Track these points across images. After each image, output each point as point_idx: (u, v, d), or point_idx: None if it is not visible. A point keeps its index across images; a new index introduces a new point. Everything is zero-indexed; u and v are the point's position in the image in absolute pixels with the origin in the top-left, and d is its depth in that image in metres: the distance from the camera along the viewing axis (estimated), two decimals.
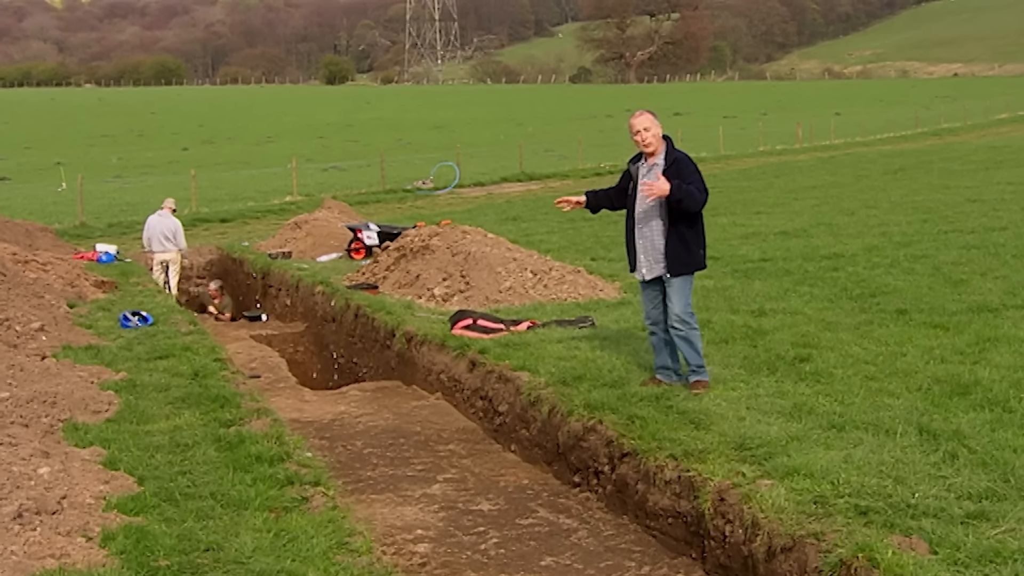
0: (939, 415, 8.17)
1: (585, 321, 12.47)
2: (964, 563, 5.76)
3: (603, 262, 17.09)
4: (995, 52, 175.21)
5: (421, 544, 7.88)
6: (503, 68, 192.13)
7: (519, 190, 35.78)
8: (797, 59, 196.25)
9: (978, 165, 33.66)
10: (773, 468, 7.33)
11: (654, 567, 7.45)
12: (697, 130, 57.22)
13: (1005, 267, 14.53)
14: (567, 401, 9.46)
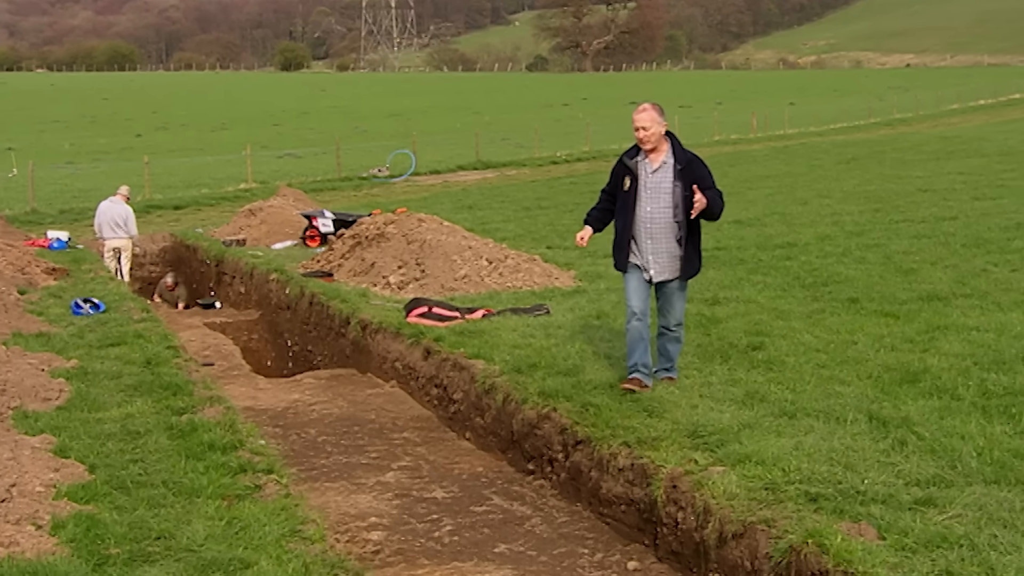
0: (889, 403, 8.24)
1: (540, 309, 12.48)
2: (911, 548, 5.82)
3: (559, 251, 17.11)
4: (947, 43, 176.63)
5: (375, 532, 7.87)
6: (460, 56, 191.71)
7: (475, 178, 35.71)
8: (752, 49, 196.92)
9: (930, 155, 33.92)
10: (725, 455, 7.37)
11: (607, 554, 7.47)
12: None
13: (955, 256, 14.66)
14: (521, 389, 9.46)
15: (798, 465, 7.04)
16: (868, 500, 6.46)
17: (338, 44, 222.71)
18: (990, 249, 15.06)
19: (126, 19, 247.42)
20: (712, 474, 7.12)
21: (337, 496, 8.59)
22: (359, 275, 15.58)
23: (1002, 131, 44.88)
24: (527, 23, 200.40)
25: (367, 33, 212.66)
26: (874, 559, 5.74)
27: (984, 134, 43.67)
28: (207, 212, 28.68)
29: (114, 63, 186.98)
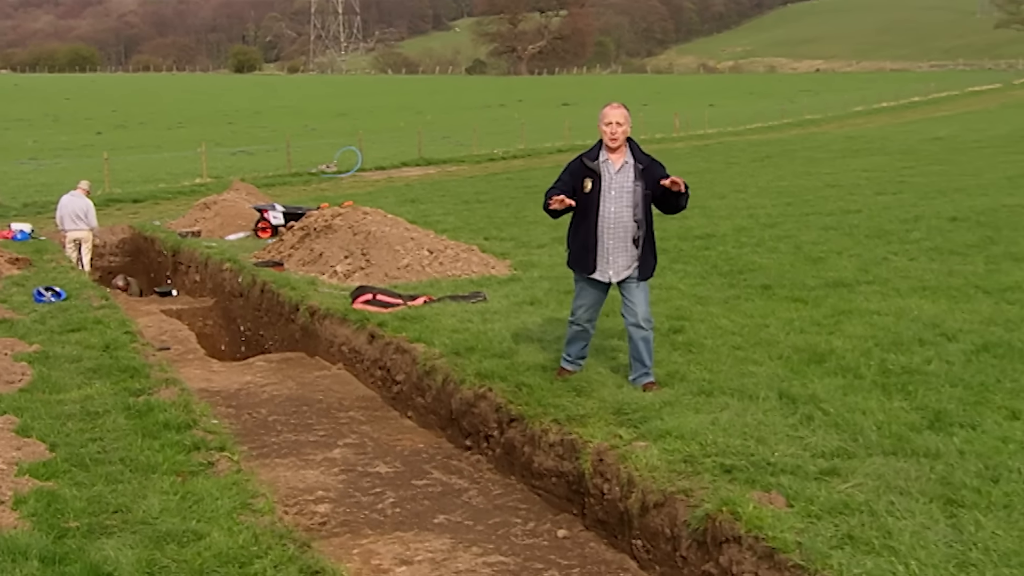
0: (797, 381, 8.33)
1: (477, 296, 12.48)
2: (817, 515, 5.90)
3: (495, 241, 17.11)
4: (853, 50, 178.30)
5: (322, 504, 7.85)
6: (403, 59, 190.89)
7: (418, 174, 35.59)
8: (675, 54, 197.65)
9: (837, 153, 34.26)
10: (648, 431, 7.42)
11: (539, 523, 7.50)
12: (584, 120, 57.35)
13: (859, 246, 14.83)
14: (460, 370, 9.47)
15: (714, 439, 7.10)
16: (778, 471, 6.53)
17: (289, 48, 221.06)
18: (891, 240, 15.24)
19: (86, 23, 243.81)
20: (635, 448, 7.16)
21: (286, 471, 8.55)
22: (308, 264, 15.51)
23: (902, 131, 45.42)
24: (466, 29, 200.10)
25: (316, 37, 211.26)
26: (782, 525, 5.81)
27: (886, 134, 44.17)
28: (164, 205, 28.36)
29: (75, 65, 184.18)
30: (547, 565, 6.81)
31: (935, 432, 7.07)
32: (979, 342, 9.25)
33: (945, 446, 6.79)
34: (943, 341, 9.38)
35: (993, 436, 6.94)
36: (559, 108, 76.62)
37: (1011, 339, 9.29)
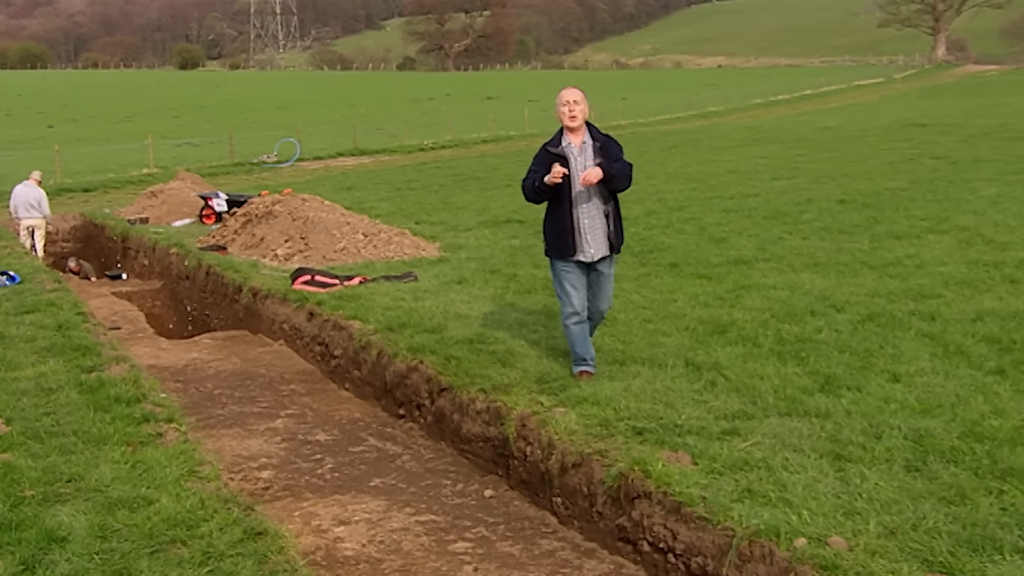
0: (702, 350, 8.42)
1: (409, 276, 12.47)
2: (719, 471, 5.98)
3: (426, 225, 17.08)
4: (752, 47, 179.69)
5: (265, 471, 7.82)
6: (338, 57, 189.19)
7: (353, 163, 35.35)
8: (590, 52, 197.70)
9: (737, 142, 34.54)
10: (566, 398, 7.46)
11: (467, 484, 7.53)
12: (507, 112, 57.44)
13: (757, 227, 14.98)
14: (393, 345, 9.46)
15: (627, 404, 7.17)
16: (684, 432, 6.61)
17: (230, 46, 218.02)
18: (786, 221, 15.42)
19: (37, 23, 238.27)
20: (555, 414, 7.21)
21: (231, 441, 8.49)
22: (250, 248, 15.38)
23: (796, 121, 45.89)
24: (397, 28, 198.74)
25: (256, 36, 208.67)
26: (688, 481, 5.88)
27: (782, 124, 44.62)
28: (113, 194, 27.90)
29: (26, 62, 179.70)
30: (475, 523, 6.84)
31: (825, 394, 7.20)
32: (864, 312, 9.41)
33: (834, 407, 6.92)
34: (832, 312, 9.53)
35: (876, 397, 7.08)
36: (484, 102, 76.43)
37: (893, 309, 9.46)
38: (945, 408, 6.80)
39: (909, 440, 6.26)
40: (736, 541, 5.37)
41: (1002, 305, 9.49)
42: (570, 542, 6.50)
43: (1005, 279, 10.62)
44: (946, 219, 14.63)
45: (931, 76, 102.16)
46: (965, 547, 4.95)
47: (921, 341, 8.43)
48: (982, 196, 16.87)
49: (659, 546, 5.87)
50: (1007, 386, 7.19)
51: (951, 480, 5.68)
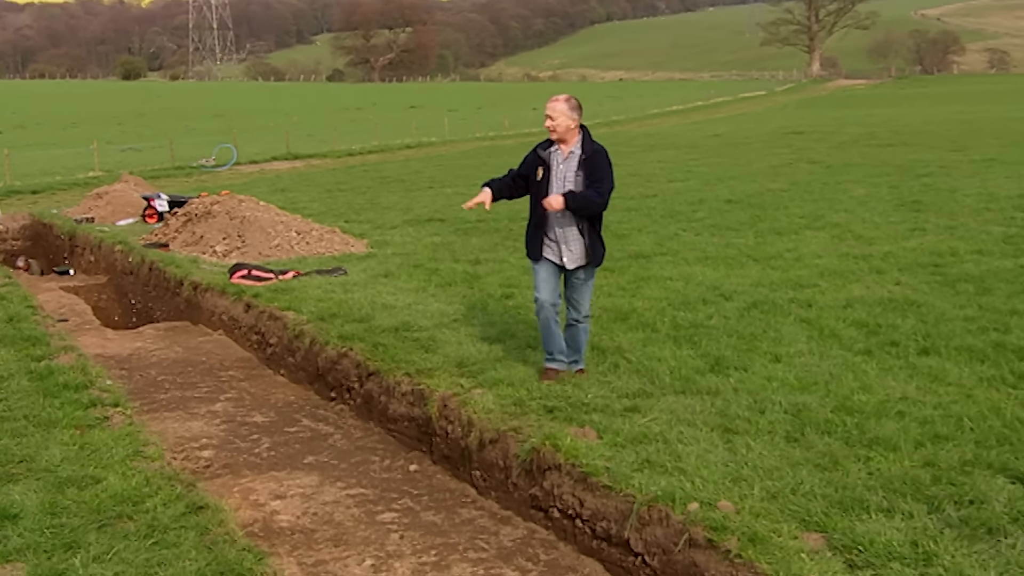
0: (606, 336, 8.49)
1: (339, 270, 12.38)
2: (621, 444, 6.05)
3: (354, 224, 16.94)
4: (649, 63, 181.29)
5: (206, 450, 7.71)
6: (271, 69, 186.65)
7: (286, 167, 34.90)
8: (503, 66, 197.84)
9: (637, 148, 34.79)
10: (484, 380, 7.48)
11: (394, 460, 7.51)
12: (428, 120, 57.21)
13: (655, 224, 15.13)
14: (325, 334, 9.39)
15: (540, 385, 7.22)
16: (590, 410, 6.66)
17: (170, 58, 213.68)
18: (680, 219, 15.59)
19: None
20: (474, 395, 7.22)
21: (174, 423, 8.36)
22: (190, 245, 15.12)
23: (689, 130, 46.43)
24: (326, 42, 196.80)
25: (194, 50, 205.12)
26: (594, 453, 5.94)
27: (676, 132, 45.09)
28: (61, 196, 27.19)
29: None
30: (401, 495, 6.83)
31: (715, 374, 7.31)
32: (750, 300, 9.57)
33: (723, 385, 7.03)
34: (722, 300, 9.67)
35: (760, 376, 7.20)
36: (407, 110, 76.01)
37: (775, 298, 9.63)
38: (820, 385, 6.95)
39: (789, 414, 6.39)
40: (636, 506, 5.43)
41: (869, 293, 9.72)
42: (488, 511, 6.53)
43: (872, 270, 10.87)
44: (821, 217, 14.92)
45: (807, 89, 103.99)
46: (837, 508, 5.07)
47: (799, 326, 8.59)
48: (852, 196, 17.23)
49: (568, 513, 5.92)
50: (873, 365, 7.37)
51: (825, 449, 5.81)
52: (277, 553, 5.80)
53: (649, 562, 5.32)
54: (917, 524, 4.85)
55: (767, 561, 4.69)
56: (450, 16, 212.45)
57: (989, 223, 13.57)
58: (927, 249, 11.93)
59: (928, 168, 21.55)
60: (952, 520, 4.88)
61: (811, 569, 4.56)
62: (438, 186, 23.41)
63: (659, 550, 5.27)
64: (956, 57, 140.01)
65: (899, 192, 17.49)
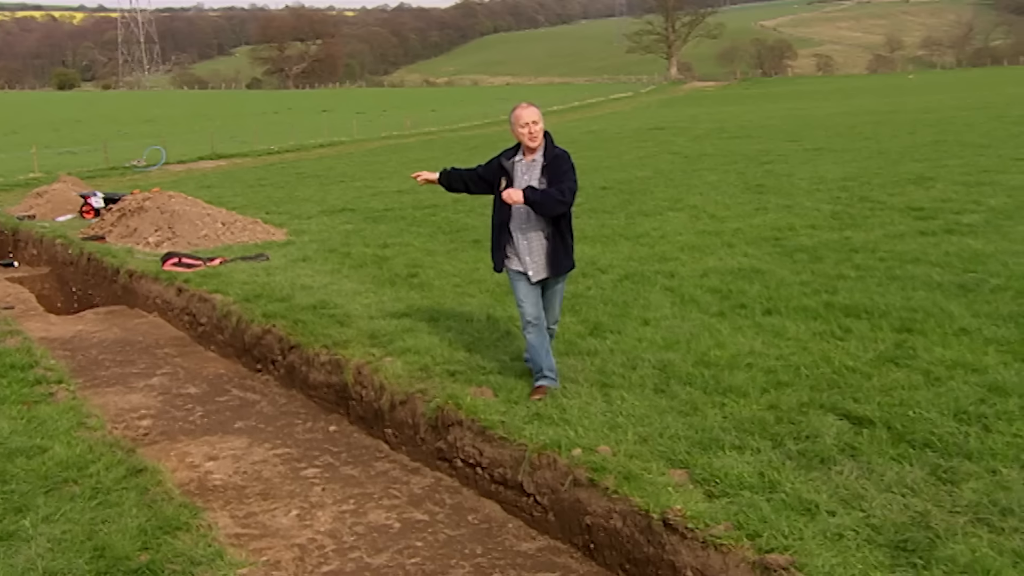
0: (500, 307, 8.50)
1: (262, 257, 12.15)
2: (515, 401, 6.08)
3: (274, 215, 16.62)
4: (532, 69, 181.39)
5: (144, 420, 7.51)
6: (196, 78, 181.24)
7: (212, 166, 34.01)
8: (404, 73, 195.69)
9: None
10: (394, 349, 7.44)
11: (315, 422, 7.42)
12: (339, 122, 56.35)
13: None
14: (250, 313, 9.21)
15: (442, 352, 7.20)
16: (488, 372, 6.68)
17: (101, 70, 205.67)
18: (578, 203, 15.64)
19: None
20: (385, 362, 7.18)
21: (114, 397, 8.11)
22: (125, 237, 14.65)
23: (567, 127, 46.62)
24: (244, 54, 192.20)
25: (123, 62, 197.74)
26: (491, 410, 5.96)
27: (556, 129, 44.94)
28: (3, 196, 25.97)
29: None
30: (322, 452, 6.75)
31: (594, 337, 7.38)
32: (622, 273, 9.68)
33: (601, 346, 7.10)
34: (599, 273, 9.76)
35: (632, 337, 7.30)
36: (320, 114, 74.67)
37: (643, 270, 9.76)
38: (682, 343, 7.08)
39: (656, 369, 6.50)
40: (528, 454, 5.47)
41: (722, 264, 9.91)
42: (399, 463, 6.51)
43: (724, 244, 11.09)
44: (681, 200, 15.15)
45: (667, 91, 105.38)
46: (697, 447, 5.19)
47: (664, 294, 8.72)
48: (706, 182, 17.54)
49: (469, 462, 5.94)
50: (726, 325, 7.53)
51: (687, 398, 5.93)
52: (212, 508, 5.69)
53: (540, 501, 5.37)
54: (763, 458, 4.99)
55: (639, 495, 4.78)
56: (356, 29, 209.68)
57: (819, 202, 13.96)
58: (769, 225, 12.22)
59: (769, 156, 22.05)
60: (792, 453, 5.03)
61: (676, 500, 4.65)
62: (349, 180, 23.10)
63: (548, 490, 5.32)
64: (790, 62, 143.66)
65: (745, 177, 17.87)
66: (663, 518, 4.58)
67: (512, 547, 5.21)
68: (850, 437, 5.15)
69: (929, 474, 4.68)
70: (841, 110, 44.78)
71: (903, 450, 4.95)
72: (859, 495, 4.51)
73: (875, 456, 4.91)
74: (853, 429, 5.27)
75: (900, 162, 18.81)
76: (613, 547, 4.87)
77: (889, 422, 5.28)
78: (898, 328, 7.06)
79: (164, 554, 4.46)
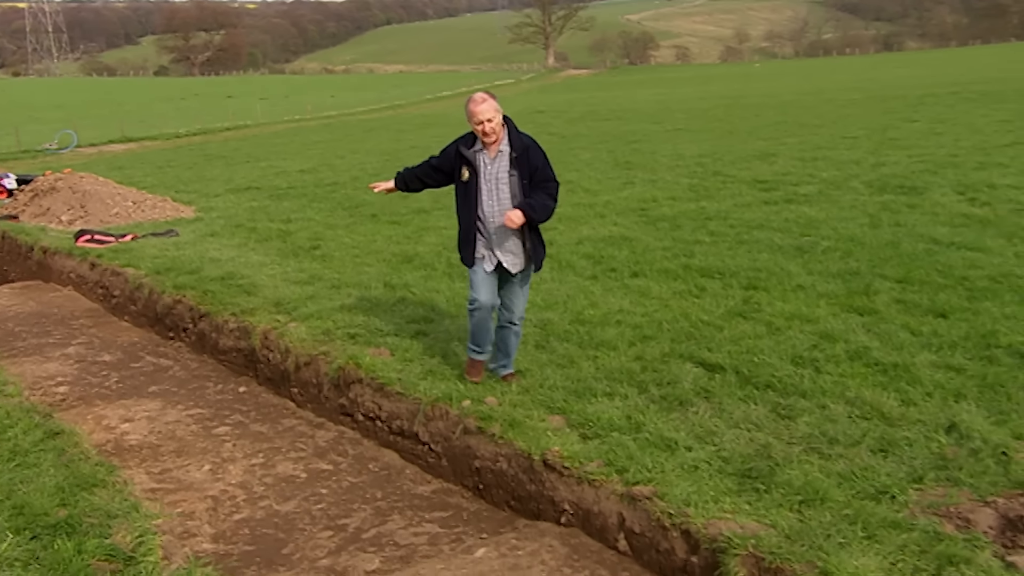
0: (395, 275, 8.42)
1: (171, 232, 11.72)
2: (410, 359, 6.05)
3: (183, 193, 16.03)
4: (423, 58, 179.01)
5: (61, 387, 7.18)
6: (104, 66, 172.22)
7: (122, 148, 32.53)
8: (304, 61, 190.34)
9: (416, 126, 34.50)
10: (298, 315, 7.30)
11: (226, 384, 7.23)
12: (243, 107, 54.56)
13: None
14: (161, 284, 8.89)
15: (343, 317, 7.09)
16: (385, 334, 6.62)
17: (11, 58, 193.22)
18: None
19: None
20: (290, 328, 7.04)
21: (32, 366, 7.73)
22: (38, 216, 13.89)
23: (456, 111, 46.05)
24: (151, 43, 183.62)
25: (32, 50, 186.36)
26: (388, 368, 5.92)
27: (447, 112, 44.91)
28: None
29: None
30: (232, 412, 6.59)
31: None
32: None
33: None
34: None
35: None
36: (225, 99, 72.13)
37: None
38: (560, 304, 7.15)
39: (537, 327, 6.55)
40: (423, 406, 5.46)
41: (595, 232, 10.04)
42: (305, 419, 6.40)
43: (596, 215, 11.23)
44: (558, 176, 15.20)
45: (545, 78, 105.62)
46: (573, 395, 5.26)
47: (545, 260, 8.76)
48: (581, 159, 17.69)
49: (369, 415, 5.89)
50: (599, 287, 7.65)
51: (564, 352, 6.00)
52: (128, 466, 5.50)
53: (434, 448, 5.37)
54: (631, 403, 5.10)
55: (522, 440, 4.83)
56: (257, 20, 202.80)
57: (679, 176, 14.25)
58: (636, 197, 12.43)
59: (635, 136, 22.38)
60: (655, 397, 5.16)
61: (555, 442, 4.72)
62: (254, 160, 22.45)
63: (441, 438, 5.32)
64: (653, 52, 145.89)
65: (615, 155, 18.10)
66: (543, 459, 4.65)
67: (409, 491, 5.21)
68: (704, 382, 5.31)
69: (770, 411, 4.87)
70: (697, 95, 45.76)
71: (749, 391, 5.13)
72: (712, 432, 4.66)
73: (725, 397, 5.07)
74: (707, 375, 5.43)
75: (747, 141, 19.36)
76: (500, 486, 4.92)
77: (737, 368, 5.47)
78: (745, 286, 7.29)
79: (82, 509, 4.29)
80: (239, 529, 4.78)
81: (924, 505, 3.78)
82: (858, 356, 5.51)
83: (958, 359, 5.37)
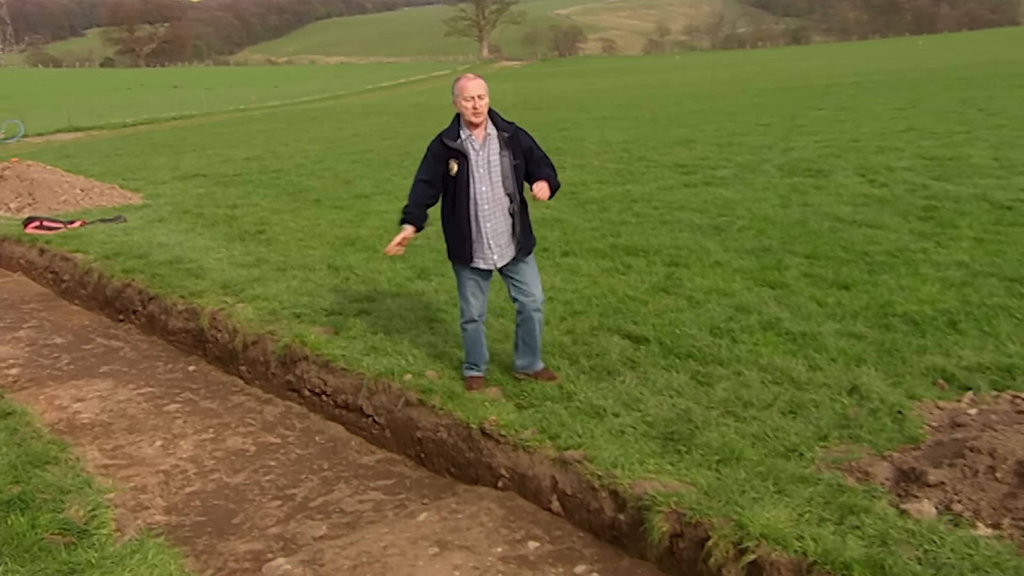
0: (339, 257, 8.32)
1: (120, 219, 11.37)
2: (353, 336, 5.99)
3: (131, 181, 15.56)
4: (363, 49, 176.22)
5: (13, 369, 6.94)
6: (50, 58, 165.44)
7: (70, 138, 31.39)
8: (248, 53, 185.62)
9: (357, 115, 34.00)
10: (245, 296, 7.17)
11: (175, 364, 7.06)
12: (189, 97, 53.17)
13: (373, 172, 14.87)
14: (110, 269, 8.63)
15: (289, 298, 6.99)
16: (329, 313, 6.54)
17: None
18: (392, 167, 15.42)
19: None
20: (237, 308, 6.91)
21: None
22: None
23: (396, 100, 45.86)
24: (96, 35, 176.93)
25: None
26: (333, 345, 5.85)
27: (386, 102, 44.39)
28: None
29: None
30: (183, 390, 6.44)
31: (421, 280, 7.34)
32: None
33: (427, 288, 7.07)
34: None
35: (452, 279, 7.26)
36: (171, 90, 70.09)
37: None
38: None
39: None
40: (366, 381, 5.42)
41: None
42: (254, 395, 6.29)
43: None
44: None
45: (480, 69, 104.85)
46: (509, 368, 5.27)
47: None
48: None
49: (315, 391, 5.82)
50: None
51: (500, 327, 6.00)
52: (80, 444, 5.35)
53: (378, 420, 5.34)
54: (562, 373, 5.13)
55: (461, 411, 4.82)
56: (201, 13, 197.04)
57: (606, 161, 14.33)
58: (566, 181, 12.43)
59: (565, 124, 22.42)
60: (585, 368, 5.20)
61: (492, 412, 4.72)
62: (200, 149, 21.89)
63: (384, 411, 5.29)
64: (581, 45, 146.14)
65: (546, 142, 17.94)
66: (481, 428, 4.65)
67: (355, 461, 5.17)
68: (631, 353, 5.37)
69: (691, 379, 4.95)
70: (622, 85, 46.03)
71: (671, 361, 5.21)
72: (637, 399, 4.72)
73: (650, 367, 5.14)
74: (633, 346, 5.49)
75: (669, 128, 19.55)
76: (440, 455, 4.91)
77: (661, 339, 5.54)
78: (668, 263, 7.38)
79: (35, 485, 4.16)
80: (190, 501, 4.70)
81: (829, 461, 3.89)
82: (770, 326, 5.63)
83: (859, 327, 5.52)
